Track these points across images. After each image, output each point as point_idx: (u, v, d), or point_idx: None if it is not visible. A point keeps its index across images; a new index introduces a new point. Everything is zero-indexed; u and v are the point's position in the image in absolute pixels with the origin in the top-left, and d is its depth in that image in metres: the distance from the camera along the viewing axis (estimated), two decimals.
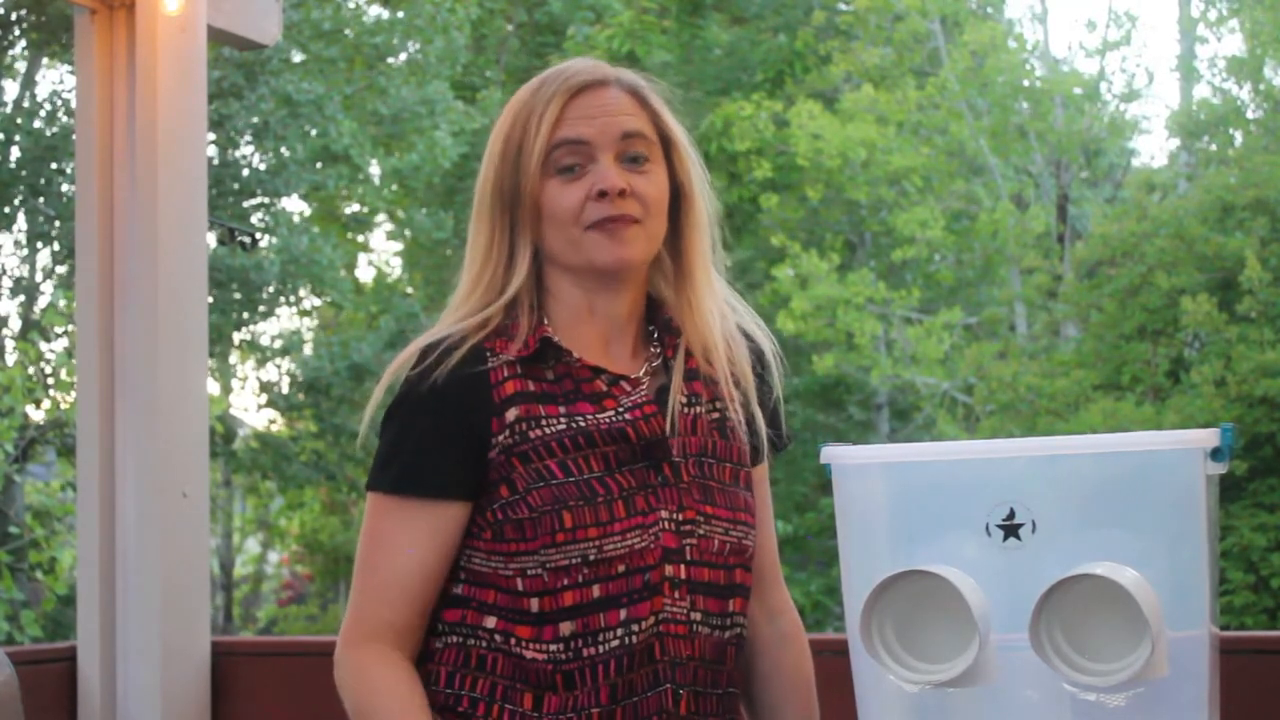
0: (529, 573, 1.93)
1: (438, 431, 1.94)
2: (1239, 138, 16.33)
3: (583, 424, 1.95)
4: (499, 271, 1.98)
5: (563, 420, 1.95)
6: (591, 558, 1.92)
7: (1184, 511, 1.77)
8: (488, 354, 1.96)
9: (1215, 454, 1.77)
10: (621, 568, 1.92)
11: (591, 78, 1.99)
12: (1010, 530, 1.80)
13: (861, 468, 1.90)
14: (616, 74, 2.02)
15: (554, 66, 2.03)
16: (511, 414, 1.94)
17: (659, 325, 2.05)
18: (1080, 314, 15.39)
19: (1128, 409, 13.51)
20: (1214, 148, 16.55)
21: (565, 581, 1.92)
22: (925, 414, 16.55)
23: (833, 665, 2.17)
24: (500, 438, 1.94)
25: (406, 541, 1.94)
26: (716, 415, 2.03)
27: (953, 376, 16.06)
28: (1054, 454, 1.83)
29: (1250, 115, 16.48)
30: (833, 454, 1.90)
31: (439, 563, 1.95)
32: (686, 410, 2.00)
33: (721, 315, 2.05)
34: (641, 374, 2.01)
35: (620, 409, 1.97)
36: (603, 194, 1.94)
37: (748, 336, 2.09)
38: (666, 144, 2.01)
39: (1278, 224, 13.98)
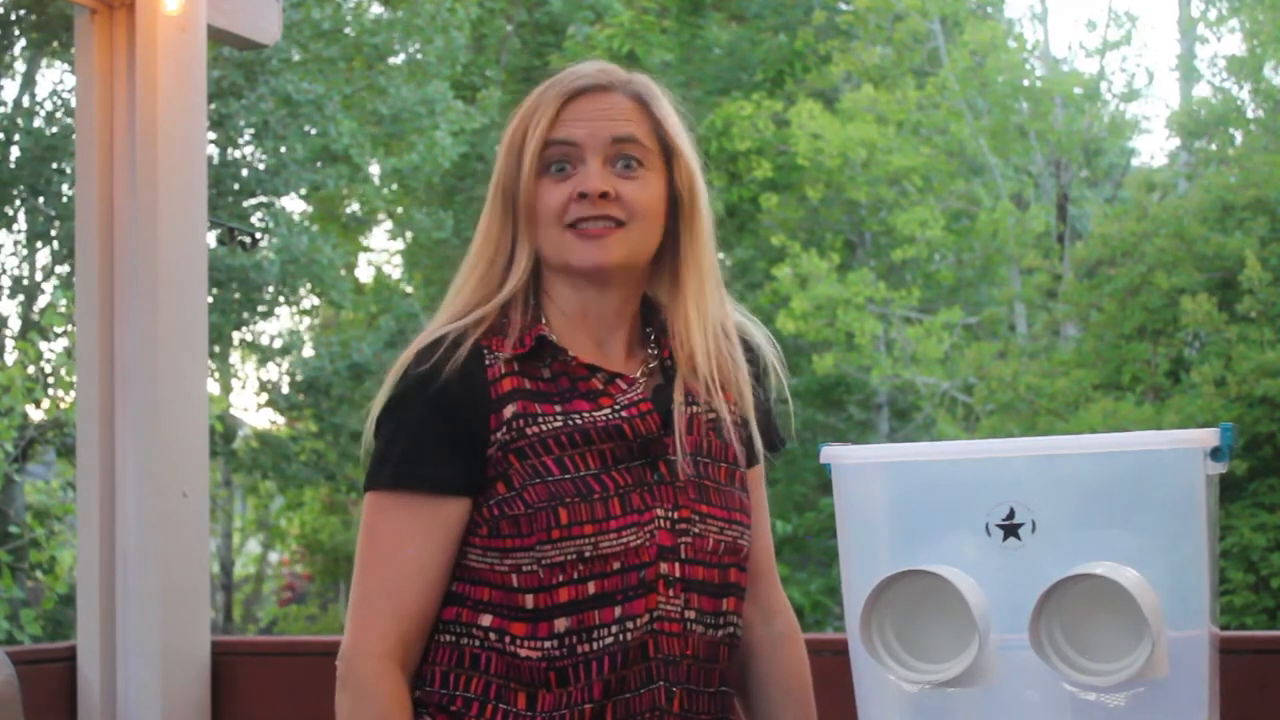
0: (524, 569, 1.93)
1: (436, 428, 1.93)
2: (1239, 137, 16.33)
3: (579, 421, 1.95)
4: (497, 269, 2.00)
5: (559, 417, 1.95)
6: (587, 554, 1.92)
7: (1184, 511, 1.77)
8: (484, 351, 1.96)
9: (1215, 454, 1.77)
10: (617, 564, 1.93)
11: (593, 81, 2.00)
12: (1010, 530, 1.80)
13: (861, 468, 1.90)
14: (626, 80, 2.02)
15: (570, 67, 2.04)
16: (509, 410, 1.94)
17: (655, 328, 2.06)
18: (1080, 314, 15.40)
19: (1128, 409, 13.51)
20: (1214, 147, 16.55)
21: (561, 578, 1.92)
22: (925, 414, 16.55)
23: (833, 665, 2.17)
24: (498, 434, 1.94)
25: (407, 539, 1.93)
26: (713, 416, 2.04)
27: (953, 376, 16.05)
28: (1054, 454, 1.83)
29: (1250, 115, 16.48)
30: (833, 454, 1.90)
31: (441, 561, 1.94)
32: (683, 410, 2.01)
33: (719, 321, 2.05)
34: (639, 375, 2.02)
35: (616, 407, 1.97)
36: (583, 195, 1.95)
37: (746, 341, 2.10)
38: (669, 152, 2.01)
39: (1278, 224, 13.98)
